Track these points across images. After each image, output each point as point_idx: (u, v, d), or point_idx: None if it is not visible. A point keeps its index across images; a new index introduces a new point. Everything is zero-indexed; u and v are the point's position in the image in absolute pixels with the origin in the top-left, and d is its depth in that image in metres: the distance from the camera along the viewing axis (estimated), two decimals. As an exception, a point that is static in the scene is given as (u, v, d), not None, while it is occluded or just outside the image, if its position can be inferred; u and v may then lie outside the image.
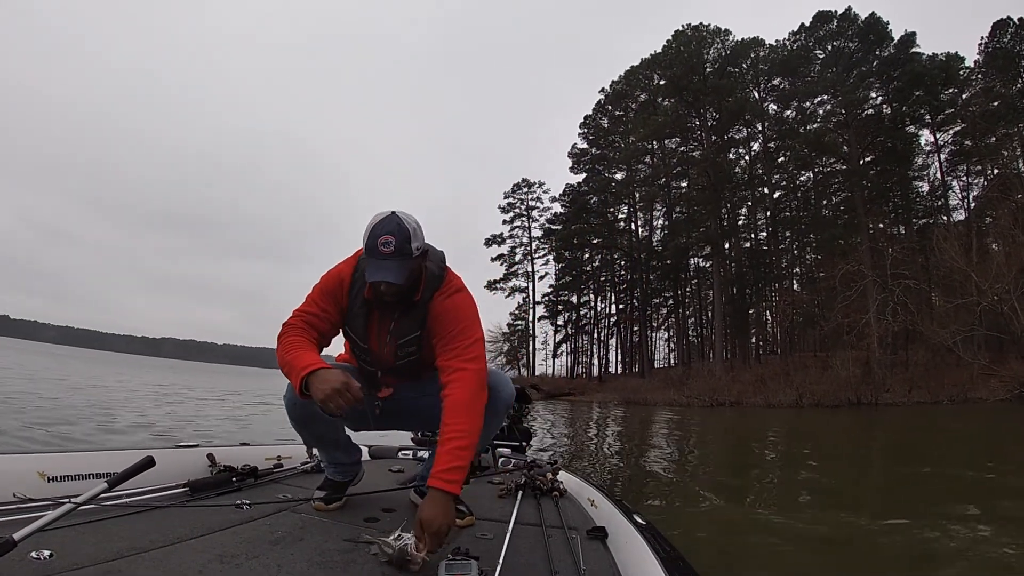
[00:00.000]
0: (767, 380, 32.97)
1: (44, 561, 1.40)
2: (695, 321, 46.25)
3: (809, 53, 35.29)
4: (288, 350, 1.91)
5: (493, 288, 52.52)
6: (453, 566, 1.51)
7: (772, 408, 28.25)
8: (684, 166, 43.81)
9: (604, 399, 37.74)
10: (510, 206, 53.36)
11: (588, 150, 50.55)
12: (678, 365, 43.63)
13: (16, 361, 29.28)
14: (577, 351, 53.33)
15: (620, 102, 48.39)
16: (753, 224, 41.70)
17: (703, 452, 11.17)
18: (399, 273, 1.90)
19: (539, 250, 53.04)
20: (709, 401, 31.82)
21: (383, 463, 3.49)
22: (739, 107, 38.85)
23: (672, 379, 37.97)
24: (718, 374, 36.55)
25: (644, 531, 1.89)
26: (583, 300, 53.18)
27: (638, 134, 44.32)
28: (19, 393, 11.14)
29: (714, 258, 41.38)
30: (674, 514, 5.08)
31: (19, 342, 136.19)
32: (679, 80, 41.55)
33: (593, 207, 49.79)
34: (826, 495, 6.11)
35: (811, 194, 37.73)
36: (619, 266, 50.64)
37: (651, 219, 48.30)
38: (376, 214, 1.96)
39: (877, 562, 3.72)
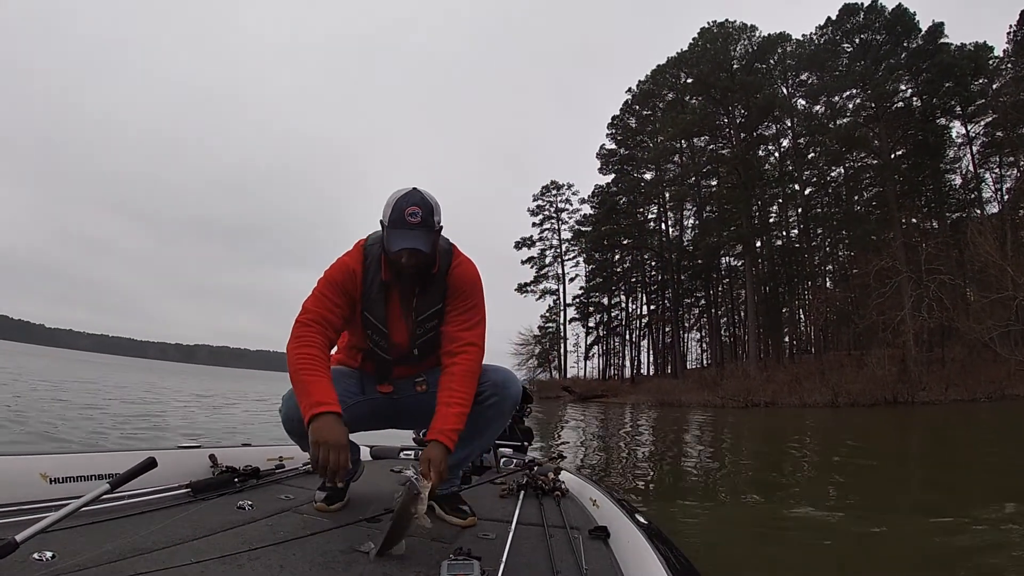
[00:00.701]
0: (802, 380, 32.85)
1: (46, 562, 1.43)
2: (727, 321, 46.28)
3: (836, 47, 35.24)
4: (304, 366, 1.95)
5: (524, 291, 53.30)
6: (455, 566, 1.53)
7: (807, 408, 28.16)
8: (713, 164, 43.98)
9: (637, 401, 37.82)
10: (539, 208, 54.03)
11: (616, 151, 51.01)
12: (711, 366, 43.69)
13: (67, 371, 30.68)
14: (609, 353, 53.80)
15: (647, 101, 48.81)
16: (785, 222, 41.58)
17: (742, 454, 11.31)
18: (426, 242, 2.00)
19: (569, 252, 53.58)
20: (743, 402, 31.80)
21: (384, 463, 3.51)
22: (768, 103, 38.92)
23: (706, 380, 38.12)
24: (752, 374, 36.57)
25: (646, 531, 1.92)
26: (614, 301, 53.65)
27: (666, 133, 44.61)
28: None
29: (746, 257, 41.50)
30: (711, 515, 5.24)
31: (55, 350, 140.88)
32: (706, 78, 41.84)
33: (623, 208, 50.26)
34: (870, 496, 6.16)
35: (842, 190, 37.56)
36: (650, 266, 50.99)
37: (681, 219, 48.56)
38: (396, 190, 2.07)
39: (925, 563, 3.78)
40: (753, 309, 40.16)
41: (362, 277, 2.14)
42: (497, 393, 2.19)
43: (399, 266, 2.06)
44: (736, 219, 41.48)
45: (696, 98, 43.89)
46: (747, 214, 40.61)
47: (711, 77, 41.56)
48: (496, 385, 2.20)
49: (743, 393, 32.55)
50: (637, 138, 49.77)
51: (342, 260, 2.17)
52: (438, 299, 2.17)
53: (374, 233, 2.21)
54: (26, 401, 10.77)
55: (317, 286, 2.13)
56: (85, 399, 12.84)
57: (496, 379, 2.21)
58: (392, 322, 2.19)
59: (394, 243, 1.99)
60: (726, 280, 46.45)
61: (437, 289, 2.17)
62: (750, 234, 40.45)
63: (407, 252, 2.00)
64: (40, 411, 9.35)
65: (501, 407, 2.22)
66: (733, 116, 41.98)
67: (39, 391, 13.48)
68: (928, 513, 5.14)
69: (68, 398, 12.45)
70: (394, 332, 2.20)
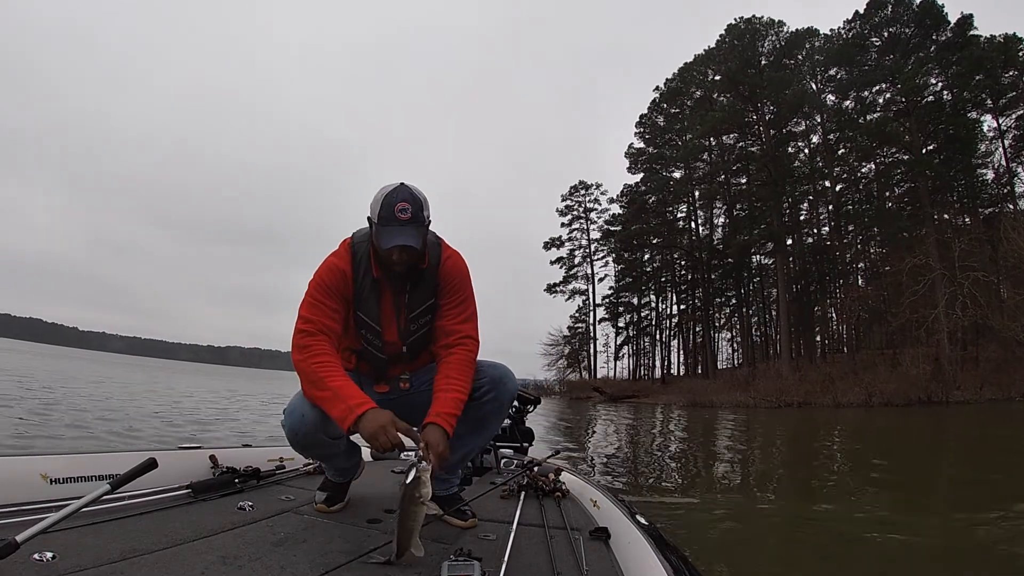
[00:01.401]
0: (835, 379, 32.74)
1: (47, 563, 1.45)
2: (758, 320, 46.11)
3: (865, 41, 35.16)
4: (328, 373, 1.96)
5: (553, 291, 54.43)
6: (456, 567, 1.55)
7: (841, 408, 28.20)
8: (743, 162, 44.11)
9: (668, 401, 38.23)
10: (568, 208, 55.00)
11: (645, 149, 51.45)
12: (742, 365, 43.72)
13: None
14: (639, 353, 54.28)
15: (675, 100, 49.26)
16: (816, 219, 41.47)
17: (779, 454, 11.50)
18: (417, 238, 2.01)
19: (598, 252, 54.46)
20: (776, 402, 31.88)
21: (385, 464, 3.55)
22: (797, 100, 38.94)
23: (738, 380, 38.27)
24: (785, 374, 36.55)
25: (647, 532, 1.95)
26: (644, 301, 54.18)
27: (695, 131, 45.04)
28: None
29: (777, 255, 41.55)
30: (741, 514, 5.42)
31: (89, 353, 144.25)
32: (734, 75, 42.13)
33: (652, 207, 50.67)
34: (907, 495, 6.33)
35: (873, 186, 37.30)
36: (680, 266, 51.38)
37: (711, 217, 48.89)
38: (384, 186, 2.07)
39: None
40: (785, 308, 40.25)
41: (352, 277, 2.15)
42: (495, 388, 2.21)
43: (390, 263, 2.08)
44: (766, 217, 41.55)
45: (724, 95, 44.19)
46: (777, 212, 40.62)
47: (739, 74, 41.85)
48: (493, 381, 2.22)
49: (776, 393, 32.62)
50: (665, 136, 50.25)
51: (330, 262, 2.16)
52: (430, 294, 2.20)
53: (360, 230, 2.23)
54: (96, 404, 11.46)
55: (309, 290, 2.13)
56: (173, 404, 13.75)
57: (493, 375, 2.22)
58: (385, 320, 2.21)
59: (385, 240, 2.00)
60: (757, 279, 46.51)
61: (428, 284, 2.19)
62: (781, 232, 40.38)
63: (398, 249, 2.01)
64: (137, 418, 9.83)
65: (499, 402, 2.24)
66: (762, 113, 42.04)
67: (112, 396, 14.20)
68: (968, 510, 5.26)
69: (156, 408, 12.69)
70: (387, 330, 2.22)
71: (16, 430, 7.15)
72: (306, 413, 2.06)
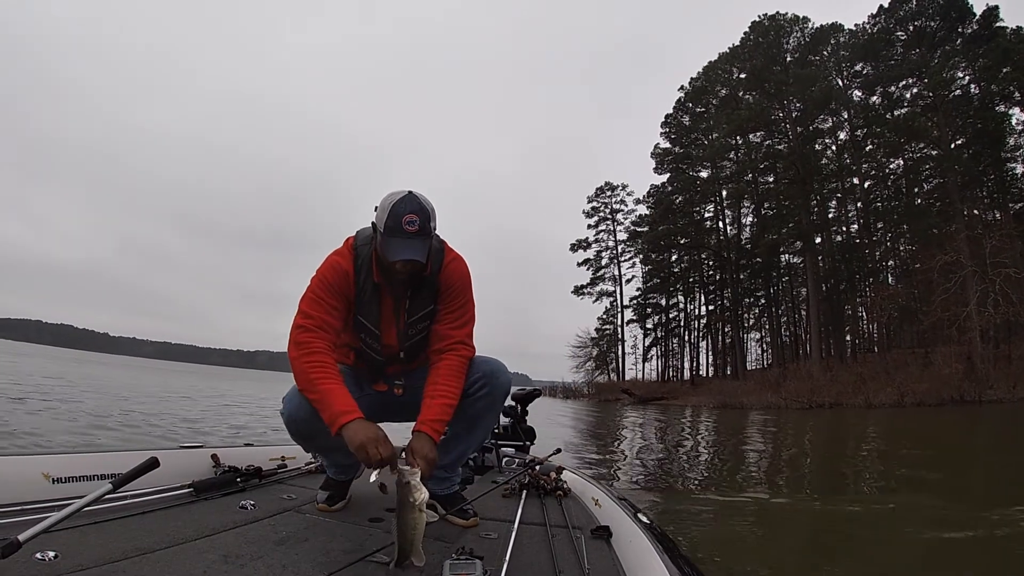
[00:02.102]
0: (867, 379, 32.57)
1: (49, 562, 1.47)
2: (787, 320, 45.90)
3: (890, 35, 35.05)
4: (320, 375, 2.01)
5: (580, 293, 54.98)
6: (458, 566, 1.57)
7: (873, 408, 28.00)
8: (770, 160, 44.15)
9: (698, 403, 38.37)
10: (594, 210, 55.49)
11: (671, 149, 51.69)
12: (772, 366, 43.61)
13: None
14: (667, 354, 54.49)
15: (700, 99, 49.45)
16: (844, 217, 41.21)
17: (828, 459, 11.42)
18: (423, 251, 2.04)
19: (625, 253, 54.85)
20: (807, 403, 31.74)
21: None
22: (824, 96, 38.87)
23: (768, 380, 38.17)
24: (816, 374, 36.41)
25: (648, 530, 1.96)
26: (672, 302, 54.38)
27: (721, 130, 45.30)
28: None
29: (806, 254, 41.50)
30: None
31: (120, 358, 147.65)
32: (760, 72, 42.32)
33: (679, 207, 50.87)
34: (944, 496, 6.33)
35: (902, 182, 37.04)
36: (707, 266, 51.56)
37: (739, 216, 48.97)
38: (391, 193, 2.06)
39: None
40: (815, 307, 40.09)
41: (354, 279, 2.17)
42: (488, 383, 2.24)
43: (393, 272, 2.09)
44: (794, 215, 41.54)
45: (750, 93, 44.29)
46: (806, 210, 40.66)
47: (765, 71, 42.04)
48: (486, 375, 2.24)
49: (807, 394, 32.46)
50: (691, 136, 50.47)
51: (334, 260, 2.18)
52: (430, 300, 2.22)
53: (363, 231, 2.23)
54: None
55: (311, 286, 2.16)
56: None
57: (486, 369, 2.25)
58: (384, 324, 2.24)
59: (391, 252, 2.02)
60: (785, 278, 46.42)
61: (429, 289, 2.21)
62: (809, 230, 40.40)
63: (404, 262, 2.03)
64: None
65: (492, 397, 2.27)
66: (788, 110, 42.07)
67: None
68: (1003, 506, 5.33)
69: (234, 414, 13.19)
70: (386, 334, 2.25)
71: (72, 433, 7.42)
72: (303, 401, 2.10)
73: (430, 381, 2.14)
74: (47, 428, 7.59)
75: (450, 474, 2.43)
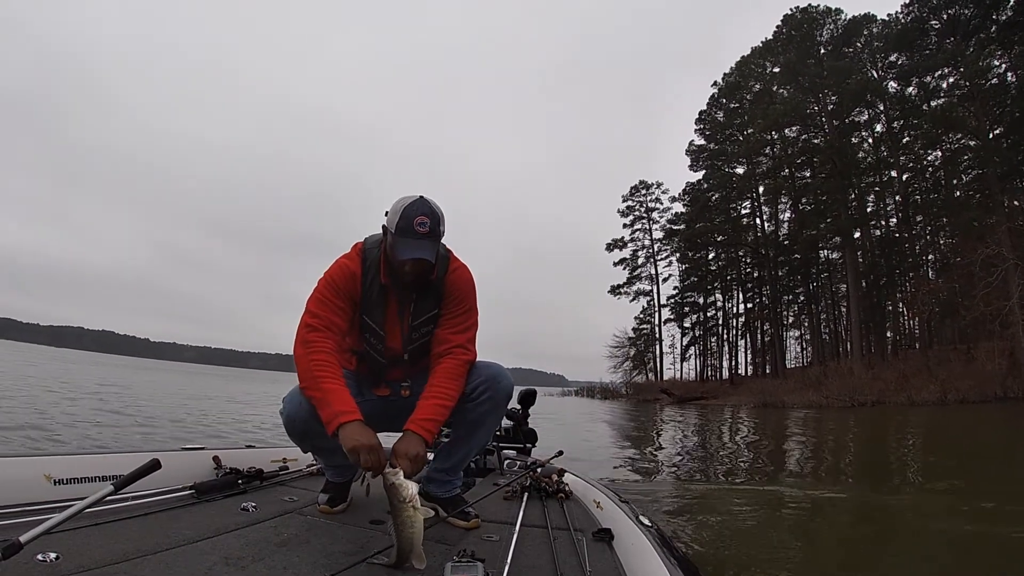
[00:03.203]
0: (908, 376, 32.40)
1: (50, 563, 1.49)
2: (827, 317, 45.56)
3: (924, 25, 34.68)
4: (323, 375, 2.06)
5: (617, 293, 55.39)
6: (459, 568, 1.60)
7: (916, 406, 27.82)
8: (807, 155, 43.93)
9: (738, 402, 38.56)
10: (629, 209, 55.88)
11: (706, 146, 51.78)
12: (812, 364, 43.41)
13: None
14: (706, 353, 54.71)
15: (734, 94, 49.53)
16: (883, 211, 40.86)
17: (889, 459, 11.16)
18: (432, 252, 2.13)
19: (661, 252, 55.10)
20: (849, 401, 31.57)
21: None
22: (860, 88, 38.53)
23: (809, 379, 38.05)
24: (857, 372, 36.29)
25: (650, 533, 2.03)
26: (709, 300, 54.61)
27: (756, 125, 45.18)
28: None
29: (845, 249, 41.28)
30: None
31: (161, 363, 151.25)
32: (794, 66, 42.27)
33: (715, 204, 51.11)
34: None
35: (940, 174, 36.57)
36: (745, 263, 51.61)
37: (776, 212, 48.77)
38: (403, 197, 2.16)
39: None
40: (856, 303, 39.87)
41: (362, 280, 2.24)
42: (490, 387, 2.29)
43: (402, 273, 2.18)
44: (832, 210, 41.36)
45: (784, 87, 44.23)
46: (844, 204, 40.36)
47: (799, 65, 41.89)
48: (487, 380, 2.29)
49: (849, 392, 32.29)
50: (726, 132, 50.43)
51: (342, 262, 2.27)
52: (434, 304, 2.30)
53: (372, 236, 2.33)
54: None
55: (319, 287, 2.23)
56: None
57: (488, 374, 2.30)
58: (389, 326, 2.31)
59: (402, 252, 2.09)
60: (824, 274, 46.19)
61: (434, 294, 2.29)
62: (848, 225, 40.09)
63: (413, 261, 2.11)
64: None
65: (494, 401, 2.31)
66: (824, 104, 41.83)
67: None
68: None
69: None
70: (390, 336, 2.32)
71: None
72: (302, 401, 2.16)
73: (427, 383, 2.20)
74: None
75: (452, 477, 2.48)
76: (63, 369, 30.53)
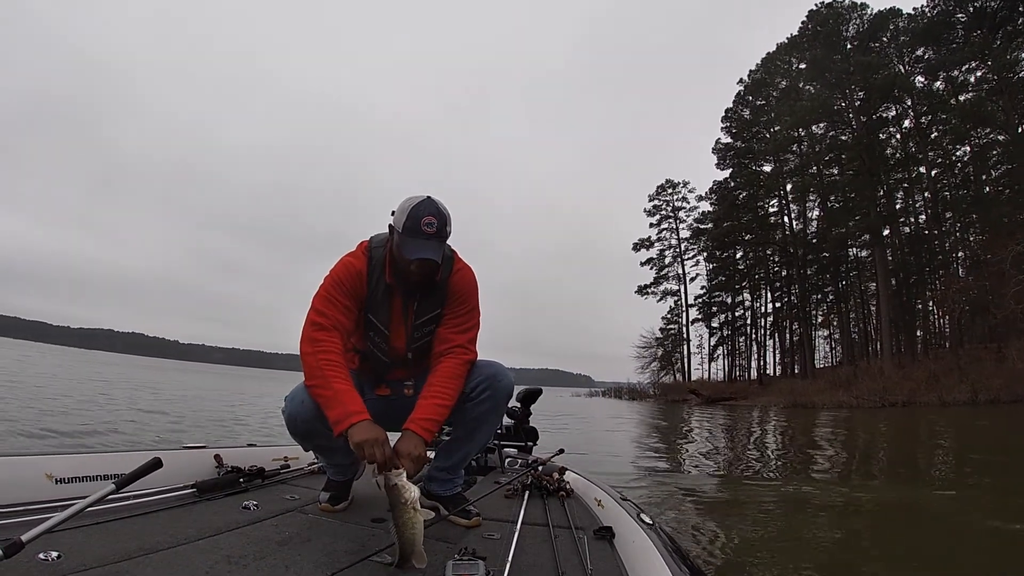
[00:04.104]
0: (939, 376, 32.13)
1: (52, 562, 1.51)
2: (856, 316, 45.21)
3: (950, 18, 34.48)
4: (333, 374, 2.09)
5: (644, 293, 55.77)
6: (460, 566, 1.61)
7: (946, 407, 27.62)
8: (835, 152, 43.75)
9: (767, 403, 38.42)
10: (655, 208, 56.24)
11: (732, 144, 51.87)
12: (842, 364, 43.16)
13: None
14: (734, 353, 54.73)
15: (760, 91, 49.61)
16: (912, 208, 40.47)
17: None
18: (439, 252, 2.16)
19: (689, 251, 55.32)
20: (880, 401, 31.54)
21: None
22: (887, 83, 38.27)
23: (838, 379, 37.93)
24: (887, 372, 36.10)
25: (651, 531, 2.02)
26: (738, 300, 54.63)
27: (783, 123, 45.05)
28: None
29: (875, 247, 40.93)
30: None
31: (190, 364, 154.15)
32: (820, 62, 42.07)
33: (743, 202, 51.09)
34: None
35: (969, 170, 36.17)
36: (773, 262, 51.45)
37: (804, 210, 48.53)
38: (411, 197, 2.19)
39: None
40: (886, 302, 39.61)
41: (367, 278, 2.27)
42: (490, 386, 2.30)
43: (407, 272, 2.20)
44: (862, 207, 41.05)
45: (811, 84, 44.03)
46: (873, 201, 40.13)
47: (825, 61, 41.68)
48: (488, 378, 2.31)
49: (879, 392, 32.28)
50: (752, 130, 50.49)
51: (348, 261, 2.29)
52: (437, 304, 2.32)
53: (377, 235, 2.36)
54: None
55: (325, 285, 2.26)
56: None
57: (488, 372, 2.32)
58: (393, 325, 2.34)
59: (408, 251, 2.12)
60: (853, 273, 45.87)
61: (438, 295, 2.31)
62: (878, 222, 39.80)
63: (419, 261, 2.13)
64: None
65: (495, 400, 2.33)
66: (851, 100, 41.64)
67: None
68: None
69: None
70: (394, 335, 2.35)
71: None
72: (305, 400, 2.18)
73: (427, 383, 2.22)
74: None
75: (453, 476, 2.50)
76: (93, 371, 31.59)
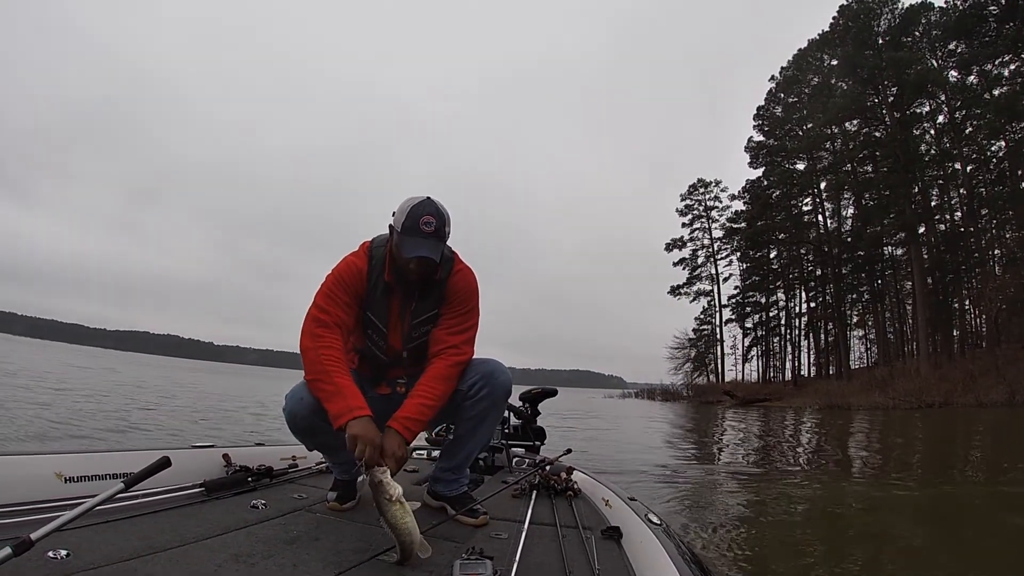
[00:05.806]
0: (976, 376, 31.97)
1: (61, 561, 1.52)
2: (891, 315, 44.91)
3: (982, 11, 34.26)
4: (335, 369, 2.15)
5: (677, 293, 55.90)
6: (468, 565, 1.63)
7: (984, 407, 27.63)
8: (869, 148, 43.54)
9: (802, 404, 38.52)
10: (688, 208, 56.48)
11: (765, 142, 51.90)
12: (877, 364, 43.02)
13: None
14: (768, 354, 54.48)
15: (792, 88, 49.71)
16: (947, 204, 40.21)
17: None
18: (437, 251, 2.21)
19: (721, 251, 55.43)
20: (916, 402, 31.52)
21: None
22: (920, 79, 38.17)
23: (874, 380, 37.88)
24: (924, 372, 36.06)
25: (659, 531, 2.02)
26: (772, 300, 54.40)
27: (816, 120, 45.20)
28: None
29: (911, 245, 40.78)
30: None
31: (227, 365, 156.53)
32: (852, 58, 42.11)
33: (776, 201, 51.02)
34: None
35: (1004, 165, 35.83)
36: (808, 261, 51.21)
37: (839, 209, 48.32)
38: (411, 197, 2.25)
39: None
40: (922, 301, 39.38)
41: (367, 276, 2.34)
42: (487, 384, 2.36)
43: (406, 271, 2.26)
44: (896, 205, 40.79)
45: (843, 80, 44.07)
46: (908, 199, 39.96)
47: (857, 56, 41.71)
48: (484, 376, 2.36)
49: (915, 393, 32.22)
50: (785, 127, 50.46)
51: (349, 260, 2.36)
52: (435, 304, 2.39)
53: (379, 235, 2.42)
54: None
55: (327, 283, 2.32)
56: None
57: (484, 370, 2.37)
58: (392, 323, 2.40)
59: (407, 250, 2.18)
60: (889, 272, 45.52)
61: (436, 295, 2.38)
62: (913, 220, 39.61)
63: (418, 259, 2.18)
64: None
65: (493, 398, 2.38)
66: (884, 96, 41.58)
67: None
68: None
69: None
70: (392, 333, 2.42)
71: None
72: (305, 397, 2.26)
73: (416, 383, 2.28)
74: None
75: (458, 476, 2.54)
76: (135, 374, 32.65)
